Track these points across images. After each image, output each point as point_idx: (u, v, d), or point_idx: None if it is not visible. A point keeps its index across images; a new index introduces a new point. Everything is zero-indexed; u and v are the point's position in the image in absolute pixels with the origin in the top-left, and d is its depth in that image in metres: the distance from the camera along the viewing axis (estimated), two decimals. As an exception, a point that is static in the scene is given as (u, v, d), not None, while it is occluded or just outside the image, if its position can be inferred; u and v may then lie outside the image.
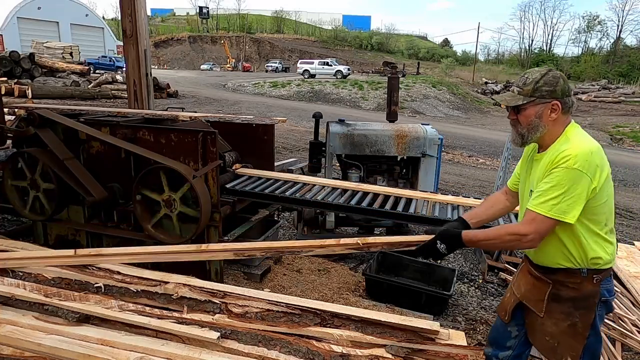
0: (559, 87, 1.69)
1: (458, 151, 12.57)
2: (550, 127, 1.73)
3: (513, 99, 1.76)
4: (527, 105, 1.72)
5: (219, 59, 51.86)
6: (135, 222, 3.31)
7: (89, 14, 40.56)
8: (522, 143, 1.81)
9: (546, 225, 1.65)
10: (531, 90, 1.71)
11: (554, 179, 1.64)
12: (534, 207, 1.67)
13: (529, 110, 1.72)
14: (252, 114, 15.17)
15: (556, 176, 1.63)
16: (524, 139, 1.78)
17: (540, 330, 1.88)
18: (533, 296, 1.88)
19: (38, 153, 3.30)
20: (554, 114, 1.70)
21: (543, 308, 1.83)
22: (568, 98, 1.72)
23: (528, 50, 63.86)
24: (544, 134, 1.75)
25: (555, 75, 1.72)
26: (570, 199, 1.62)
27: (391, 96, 4.92)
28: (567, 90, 1.71)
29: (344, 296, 3.52)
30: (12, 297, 2.31)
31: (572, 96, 1.74)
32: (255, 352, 1.93)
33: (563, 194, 1.61)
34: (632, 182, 10.15)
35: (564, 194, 1.61)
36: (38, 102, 12.24)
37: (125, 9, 5.25)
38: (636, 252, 4.75)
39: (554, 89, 1.69)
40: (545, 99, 1.70)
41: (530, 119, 1.73)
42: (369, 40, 60.28)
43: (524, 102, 1.72)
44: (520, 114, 1.75)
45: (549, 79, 1.70)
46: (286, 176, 3.88)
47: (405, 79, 27.79)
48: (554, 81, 1.70)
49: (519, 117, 1.76)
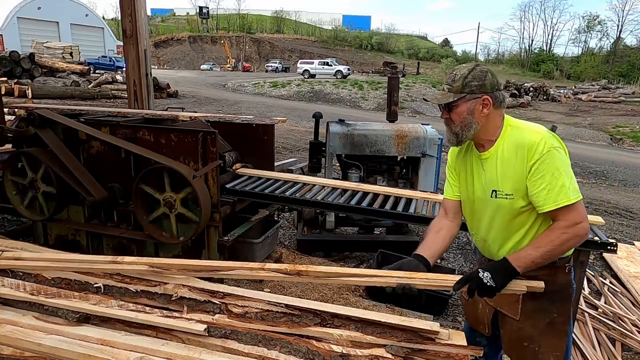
0: (488, 81, 1.65)
1: (458, 151, 12.56)
2: (484, 123, 1.68)
3: (444, 96, 1.70)
4: (458, 102, 1.66)
5: (219, 59, 51.87)
6: (135, 222, 3.31)
7: (89, 14, 40.59)
8: (457, 142, 1.74)
9: (580, 207, 1.57)
10: (460, 86, 1.65)
11: (547, 169, 1.56)
12: (557, 204, 1.55)
13: (460, 107, 1.67)
14: (252, 114, 15.16)
15: (546, 165, 1.56)
16: (459, 138, 1.72)
17: (518, 337, 1.76)
18: (506, 299, 1.74)
19: (38, 153, 3.30)
20: (486, 109, 1.66)
21: (519, 310, 1.73)
22: (498, 92, 1.68)
23: (528, 50, 63.93)
24: (478, 131, 1.69)
25: (482, 70, 1.68)
26: (571, 176, 1.59)
27: (391, 96, 4.92)
28: (495, 84, 1.67)
29: (344, 296, 3.52)
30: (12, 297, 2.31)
31: (501, 90, 1.72)
32: (255, 352, 1.93)
33: (564, 174, 1.57)
34: (632, 182, 10.14)
35: (565, 174, 1.57)
36: (38, 102, 12.24)
37: (125, 9, 5.25)
38: (636, 252, 4.75)
39: (483, 83, 1.64)
40: (476, 94, 1.64)
41: (462, 116, 1.67)
42: (369, 40, 60.31)
43: (455, 99, 1.66)
44: (453, 112, 1.69)
45: (477, 74, 1.65)
46: (286, 176, 3.88)
47: (405, 79, 27.78)
48: (482, 75, 1.65)
49: (452, 115, 1.70)
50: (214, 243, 3.21)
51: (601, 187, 9.33)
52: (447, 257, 4.79)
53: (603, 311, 3.50)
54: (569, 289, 1.73)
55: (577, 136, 18.52)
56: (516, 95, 31.28)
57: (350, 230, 5.16)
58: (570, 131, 19.49)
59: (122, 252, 3.45)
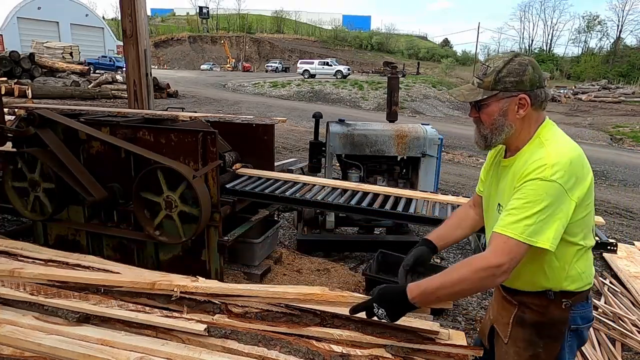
0: (527, 76, 1.38)
1: (458, 151, 12.57)
2: (518, 127, 1.43)
3: (471, 93, 1.45)
4: (488, 100, 1.42)
5: (219, 59, 51.88)
6: (135, 222, 3.30)
7: (89, 14, 40.61)
8: (486, 146, 1.50)
9: (521, 250, 1.32)
10: (492, 81, 1.40)
11: (527, 194, 1.32)
12: (503, 230, 1.34)
13: (491, 106, 1.42)
14: (252, 114, 15.16)
15: (530, 190, 1.32)
16: (487, 142, 1.49)
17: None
18: (502, 318, 1.60)
19: (38, 153, 3.30)
20: (522, 110, 1.40)
21: (508, 333, 1.56)
22: (539, 90, 1.40)
23: (528, 50, 63.94)
24: (510, 135, 1.45)
25: (522, 63, 1.39)
26: (546, 218, 1.30)
27: (391, 96, 4.92)
28: (536, 80, 1.39)
29: (344, 296, 3.52)
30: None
31: (544, 87, 1.42)
32: (255, 352, 1.93)
33: (539, 212, 1.30)
34: (632, 182, 10.14)
35: (540, 212, 1.30)
36: (38, 102, 12.24)
37: (125, 9, 5.25)
38: (636, 252, 4.75)
39: (521, 79, 1.38)
40: (511, 92, 1.39)
41: (493, 117, 1.43)
42: (369, 40, 60.33)
43: (484, 97, 1.42)
44: (482, 111, 1.45)
45: (514, 68, 1.38)
46: (286, 176, 3.88)
47: (405, 79, 27.79)
48: (521, 70, 1.38)
49: (481, 114, 1.46)
50: (214, 243, 3.20)
51: (601, 187, 9.34)
52: (447, 257, 4.79)
53: (603, 311, 3.50)
54: (562, 326, 1.48)
55: (577, 136, 18.51)
56: (516, 95, 31.28)
57: (350, 230, 5.16)
58: (570, 131, 19.47)
59: (122, 252, 3.45)
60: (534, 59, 1.45)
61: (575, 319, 1.49)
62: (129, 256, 3.41)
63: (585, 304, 1.52)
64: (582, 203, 1.38)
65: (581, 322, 1.51)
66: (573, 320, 1.49)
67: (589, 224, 1.45)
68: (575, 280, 1.46)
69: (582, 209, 1.39)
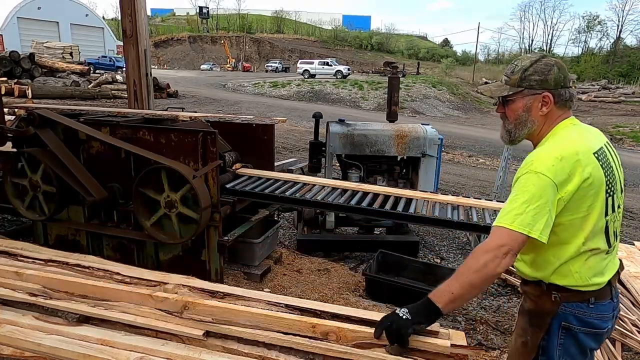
0: (552, 76, 1.47)
1: (458, 151, 12.58)
2: (540, 123, 1.52)
3: (498, 89, 1.57)
4: (514, 96, 1.52)
5: (219, 59, 51.87)
6: (135, 222, 3.30)
7: (89, 14, 40.60)
8: (510, 141, 1.60)
9: (516, 238, 1.38)
10: (518, 79, 1.50)
11: (518, 187, 1.43)
12: (497, 222, 1.43)
13: (516, 102, 1.52)
14: (252, 114, 15.17)
15: (520, 183, 1.43)
16: (511, 136, 1.58)
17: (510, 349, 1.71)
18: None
19: (38, 153, 3.30)
20: (545, 107, 1.49)
21: (515, 322, 1.66)
22: (564, 90, 1.49)
23: (528, 50, 63.85)
24: (533, 131, 1.54)
25: (548, 63, 1.49)
26: (536, 209, 1.37)
27: (391, 96, 4.92)
28: (561, 80, 1.48)
29: (344, 296, 3.52)
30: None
31: (569, 87, 1.51)
32: (255, 352, 1.93)
33: (526, 202, 1.38)
34: (632, 182, 10.14)
35: (527, 202, 1.38)
36: (38, 102, 12.24)
37: (125, 9, 5.25)
38: (636, 252, 4.75)
39: (545, 78, 1.48)
40: (535, 90, 1.49)
41: (517, 112, 1.53)
42: (369, 40, 60.33)
43: (509, 93, 1.52)
44: (508, 107, 1.55)
45: (540, 67, 1.48)
46: (286, 176, 3.88)
47: (405, 79, 27.78)
48: (546, 69, 1.48)
49: (506, 110, 1.56)
50: (214, 243, 3.21)
51: (601, 187, 9.32)
52: (447, 257, 4.79)
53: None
54: (548, 317, 1.52)
55: (577, 136, 18.50)
56: (516, 95, 31.29)
57: (350, 230, 5.16)
58: (570, 131, 19.46)
59: (122, 252, 3.45)
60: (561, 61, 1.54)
61: (567, 316, 1.51)
62: (129, 256, 3.41)
63: (584, 306, 1.51)
64: (576, 202, 1.42)
65: (576, 323, 1.51)
66: (564, 317, 1.51)
67: (595, 225, 1.47)
68: (566, 276, 1.49)
69: (577, 208, 1.43)
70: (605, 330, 1.55)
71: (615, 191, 1.53)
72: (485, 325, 3.38)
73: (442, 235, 5.39)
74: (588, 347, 1.55)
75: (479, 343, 3.06)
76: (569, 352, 1.54)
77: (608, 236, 1.52)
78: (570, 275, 1.49)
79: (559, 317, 1.51)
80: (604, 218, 1.49)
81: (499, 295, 3.97)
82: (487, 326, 3.37)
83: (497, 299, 3.91)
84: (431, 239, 5.26)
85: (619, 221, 1.61)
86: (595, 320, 1.51)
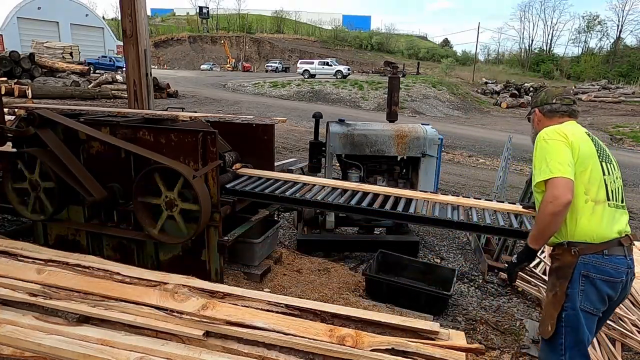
0: (539, 98, 2.28)
1: (458, 151, 12.58)
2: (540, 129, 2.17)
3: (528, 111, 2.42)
4: (530, 114, 2.36)
5: (219, 59, 51.86)
6: (135, 222, 3.30)
7: (89, 14, 40.56)
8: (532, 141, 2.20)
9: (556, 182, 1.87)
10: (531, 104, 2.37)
11: (535, 155, 2.03)
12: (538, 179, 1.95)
13: (532, 116, 2.32)
14: (252, 114, 15.17)
15: (535, 151, 2.03)
16: (532, 140, 2.20)
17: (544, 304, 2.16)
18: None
19: (38, 153, 3.30)
20: (537, 117, 2.28)
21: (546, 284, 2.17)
22: (546, 105, 2.22)
23: (528, 50, 63.89)
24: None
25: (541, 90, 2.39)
26: (555, 159, 1.91)
27: (391, 96, 4.92)
28: (545, 99, 2.24)
29: (344, 296, 3.52)
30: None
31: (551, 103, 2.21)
32: (255, 352, 1.93)
33: (545, 157, 1.94)
34: (632, 182, 10.15)
35: (546, 157, 1.93)
36: (38, 102, 12.24)
37: (125, 9, 5.25)
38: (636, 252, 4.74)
39: (536, 100, 2.30)
40: (532, 108, 2.32)
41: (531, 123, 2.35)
42: (369, 40, 60.29)
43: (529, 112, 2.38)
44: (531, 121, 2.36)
45: (536, 94, 2.35)
46: (287, 176, 3.88)
47: (405, 79, 27.77)
48: (537, 94, 2.33)
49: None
50: (214, 243, 3.20)
51: (601, 187, 9.32)
52: (447, 257, 4.79)
53: (603, 311, 3.50)
54: (569, 268, 1.95)
55: (577, 136, 18.49)
56: (516, 95, 31.28)
57: (350, 230, 5.16)
58: (570, 131, 19.43)
59: (122, 252, 3.45)
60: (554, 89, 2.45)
61: (585, 265, 1.93)
62: (129, 256, 3.41)
63: (599, 257, 1.92)
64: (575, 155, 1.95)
65: (594, 270, 1.92)
66: (583, 266, 1.93)
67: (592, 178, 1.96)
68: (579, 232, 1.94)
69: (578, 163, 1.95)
70: (619, 280, 1.94)
71: (608, 159, 2.09)
72: (485, 325, 3.38)
73: (442, 235, 5.39)
74: (605, 293, 1.93)
75: (479, 343, 3.06)
76: (590, 299, 1.93)
77: (607, 191, 1.99)
78: (582, 231, 1.92)
79: (578, 267, 1.93)
80: (602, 176, 2.00)
81: (499, 295, 3.97)
82: (487, 326, 3.37)
83: (497, 299, 3.91)
84: (431, 239, 5.26)
85: (619, 186, 2.09)
86: (611, 270, 1.92)
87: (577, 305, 1.93)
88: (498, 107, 28.54)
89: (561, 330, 1.96)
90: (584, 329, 1.94)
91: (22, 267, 2.61)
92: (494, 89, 34.04)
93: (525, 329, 3.34)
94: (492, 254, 4.50)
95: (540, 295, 3.76)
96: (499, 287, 4.13)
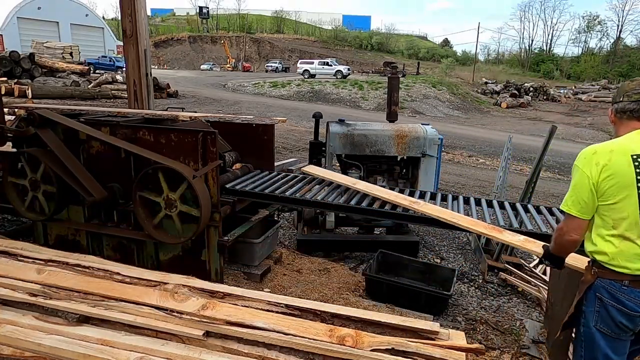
0: (616, 94, 1.95)
1: (458, 151, 12.57)
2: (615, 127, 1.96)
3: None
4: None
5: (219, 59, 51.84)
6: (135, 222, 3.30)
7: (89, 14, 40.54)
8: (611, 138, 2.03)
9: (570, 220, 1.85)
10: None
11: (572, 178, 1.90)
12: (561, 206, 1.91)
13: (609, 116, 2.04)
14: (252, 114, 15.17)
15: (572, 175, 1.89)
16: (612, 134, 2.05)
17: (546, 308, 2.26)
18: None
19: (38, 153, 3.30)
20: (611, 118, 1.98)
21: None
22: (617, 104, 1.90)
23: (528, 50, 63.90)
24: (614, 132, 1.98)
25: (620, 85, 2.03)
26: (577, 194, 1.82)
27: (391, 96, 4.92)
28: (616, 95, 1.93)
29: (344, 296, 3.52)
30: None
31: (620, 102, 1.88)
32: (255, 352, 1.93)
33: (572, 187, 1.84)
34: (632, 182, 10.12)
35: (572, 187, 1.84)
36: (38, 102, 12.24)
37: (125, 9, 5.25)
38: None
39: (613, 97, 1.97)
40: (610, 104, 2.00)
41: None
42: (369, 40, 60.27)
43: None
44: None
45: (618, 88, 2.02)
46: (343, 181, 3.87)
47: (405, 79, 27.77)
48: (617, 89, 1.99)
49: None
50: (214, 243, 3.21)
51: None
52: (447, 257, 4.79)
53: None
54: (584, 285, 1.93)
55: (577, 136, 18.52)
56: (516, 95, 31.28)
57: (350, 230, 5.16)
58: (571, 131, 19.49)
59: (122, 252, 3.45)
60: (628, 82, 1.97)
61: (599, 289, 1.86)
62: (129, 256, 3.41)
63: (618, 285, 1.81)
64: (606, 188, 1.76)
65: (607, 296, 1.83)
66: (597, 288, 1.87)
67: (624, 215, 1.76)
68: (601, 254, 1.84)
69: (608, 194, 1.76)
70: (638, 315, 1.80)
71: None
72: (485, 325, 3.38)
73: (442, 235, 5.39)
74: (619, 321, 1.83)
75: (479, 343, 3.05)
76: (605, 322, 1.86)
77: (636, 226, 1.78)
78: (604, 255, 1.82)
79: (594, 288, 1.88)
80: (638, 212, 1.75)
81: (499, 295, 3.97)
82: (487, 326, 3.37)
83: (497, 299, 3.91)
84: (431, 239, 5.26)
85: None
86: (627, 302, 1.80)
87: (591, 324, 1.90)
88: (498, 107, 28.54)
89: (580, 344, 1.97)
90: (598, 348, 1.88)
91: (22, 267, 2.61)
92: (494, 89, 34.04)
93: (525, 329, 3.34)
94: (492, 254, 4.50)
95: (540, 295, 3.76)
96: (499, 287, 4.12)
